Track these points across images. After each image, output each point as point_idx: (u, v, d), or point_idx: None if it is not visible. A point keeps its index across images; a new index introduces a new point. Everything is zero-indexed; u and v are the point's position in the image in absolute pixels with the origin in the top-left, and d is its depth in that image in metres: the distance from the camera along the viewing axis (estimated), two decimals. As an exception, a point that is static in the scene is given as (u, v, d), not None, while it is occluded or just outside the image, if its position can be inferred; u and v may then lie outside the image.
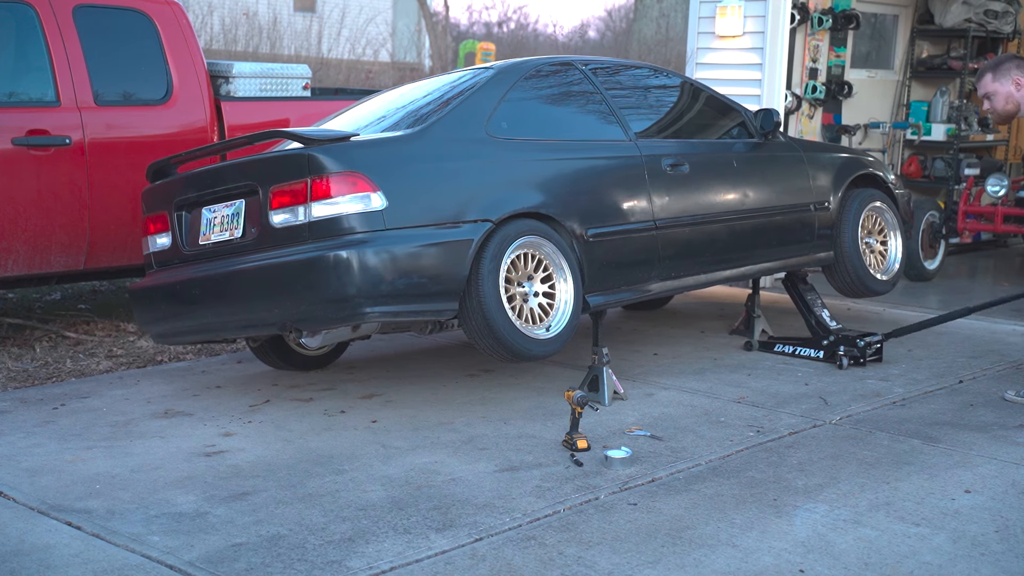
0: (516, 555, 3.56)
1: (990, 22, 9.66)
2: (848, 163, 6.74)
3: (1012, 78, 4.77)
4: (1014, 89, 4.80)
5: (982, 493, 4.08)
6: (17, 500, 4.07)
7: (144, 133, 6.54)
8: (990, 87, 4.84)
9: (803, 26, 8.69)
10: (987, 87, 4.85)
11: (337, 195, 4.61)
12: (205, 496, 4.09)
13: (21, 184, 6.06)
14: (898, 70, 9.86)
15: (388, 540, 3.68)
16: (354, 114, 5.83)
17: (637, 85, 6.20)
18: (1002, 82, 4.80)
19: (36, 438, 4.79)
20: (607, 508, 3.95)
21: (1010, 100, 4.83)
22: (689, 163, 5.81)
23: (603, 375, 5.21)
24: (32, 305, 7.60)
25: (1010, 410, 5.12)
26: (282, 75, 7.27)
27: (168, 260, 5.34)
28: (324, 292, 4.56)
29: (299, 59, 16.51)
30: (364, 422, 4.99)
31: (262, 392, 5.53)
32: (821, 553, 3.56)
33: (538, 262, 5.05)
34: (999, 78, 4.80)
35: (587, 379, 5.25)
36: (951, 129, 9.65)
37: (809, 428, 4.87)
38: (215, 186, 5.12)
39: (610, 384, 5.24)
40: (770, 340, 6.35)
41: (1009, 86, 4.80)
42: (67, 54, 6.23)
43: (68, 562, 3.54)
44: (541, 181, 5.19)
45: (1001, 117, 4.95)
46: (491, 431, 4.84)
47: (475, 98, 5.28)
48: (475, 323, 4.81)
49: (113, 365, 6.11)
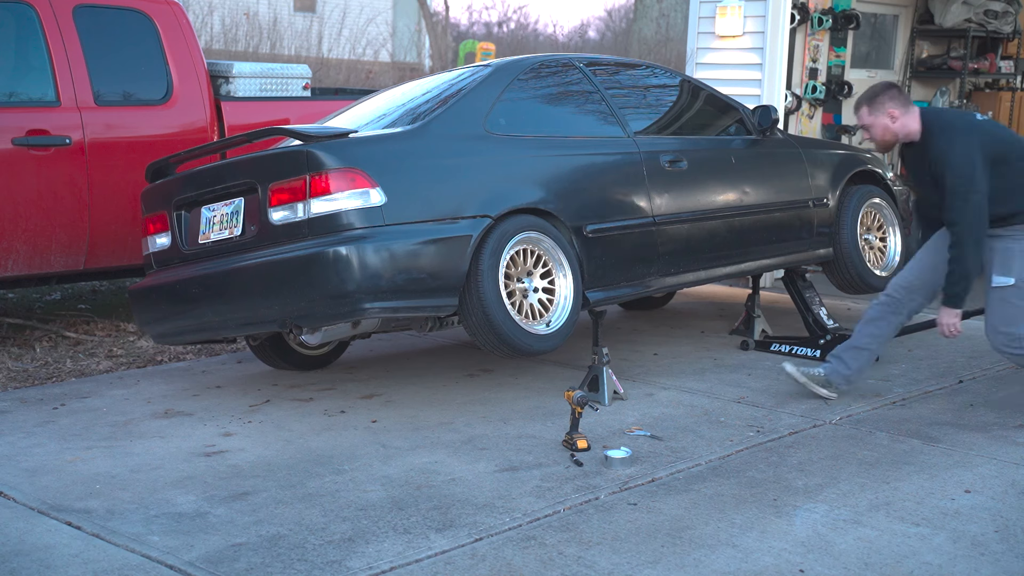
0: (516, 555, 3.56)
1: (990, 22, 9.66)
2: (846, 159, 6.75)
3: (887, 111, 4.81)
4: (889, 122, 4.83)
5: (982, 493, 4.08)
6: (17, 500, 4.07)
7: (144, 133, 6.53)
8: (867, 120, 4.86)
9: (803, 26, 8.69)
10: (864, 120, 4.88)
11: (336, 191, 4.61)
12: (205, 496, 4.09)
13: (21, 184, 6.06)
14: (898, 70, 9.86)
15: (388, 540, 3.68)
16: (354, 112, 5.83)
17: (636, 83, 6.21)
18: (877, 115, 4.83)
19: (36, 438, 4.79)
20: (607, 508, 3.95)
21: (887, 131, 4.85)
22: (687, 160, 5.81)
23: (603, 375, 5.21)
24: (32, 305, 7.60)
25: (1010, 410, 5.12)
26: (282, 75, 7.27)
27: (168, 260, 5.34)
28: (324, 288, 4.57)
29: (299, 59, 16.51)
30: (364, 422, 4.99)
31: (262, 392, 5.53)
32: (821, 553, 3.56)
33: (537, 258, 5.06)
34: (874, 112, 4.83)
35: (587, 379, 5.25)
36: (951, 129, 9.65)
37: (809, 428, 4.87)
38: (214, 185, 5.12)
39: (610, 384, 5.23)
40: (767, 339, 6.35)
41: (884, 119, 4.82)
42: (67, 54, 6.23)
43: (68, 562, 3.54)
44: (540, 177, 5.20)
45: (880, 147, 4.97)
46: (491, 431, 4.84)
47: (474, 95, 5.28)
48: (475, 319, 4.81)
49: (113, 365, 6.11)
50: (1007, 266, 4.80)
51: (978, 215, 4.67)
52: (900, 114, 4.79)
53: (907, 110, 4.82)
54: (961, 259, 4.73)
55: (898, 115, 4.78)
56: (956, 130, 4.74)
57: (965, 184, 4.66)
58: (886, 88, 4.83)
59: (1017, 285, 4.77)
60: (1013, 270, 4.78)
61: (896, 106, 4.78)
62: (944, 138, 4.74)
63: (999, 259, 4.82)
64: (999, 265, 4.82)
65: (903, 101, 4.82)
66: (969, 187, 4.66)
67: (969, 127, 4.78)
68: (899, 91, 4.84)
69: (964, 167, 4.66)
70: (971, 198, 4.65)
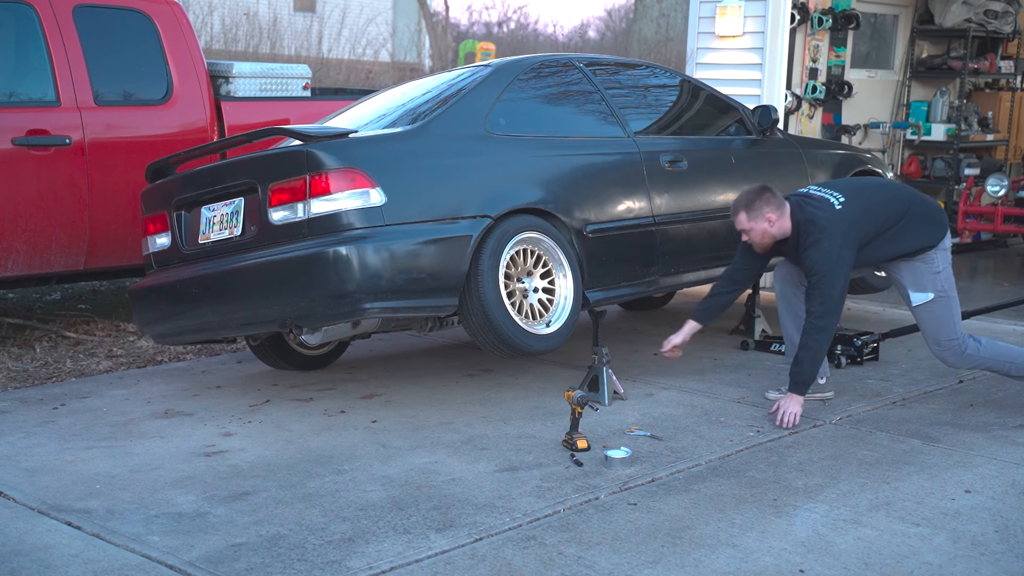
0: (516, 555, 3.56)
1: (990, 22, 9.66)
2: (846, 159, 6.75)
3: (764, 216, 4.88)
4: (767, 226, 4.90)
5: (982, 493, 4.08)
6: (17, 500, 4.06)
7: (144, 133, 6.53)
8: (745, 225, 4.94)
9: (803, 26, 8.69)
10: (742, 225, 4.95)
11: (336, 191, 4.61)
12: (205, 496, 4.09)
13: (21, 184, 6.06)
14: (898, 70, 9.86)
15: (388, 540, 3.68)
16: (354, 112, 5.83)
17: (636, 83, 6.21)
18: (756, 221, 4.90)
19: (36, 438, 4.79)
20: (607, 508, 3.95)
21: (766, 235, 4.94)
22: (687, 160, 5.82)
23: (603, 375, 5.21)
24: (32, 305, 7.60)
25: (1010, 410, 5.12)
26: (282, 75, 7.27)
27: (168, 260, 5.34)
28: (324, 288, 4.57)
29: (299, 59, 16.52)
30: (364, 422, 4.99)
31: (262, 392, 5.53)
32: (821, 553, 3.56)
33: (537, 258, 5.06)
34: (753, 218, 4.90)
35: (587, 379, 5.25)
36: (951, 129, 9.65)
37: (809, 428, 4.87)
38: (214, 185, 5.12)
39: (610, 384, 5.23)
40: (767, 339, 6.35)
41: (763, 224, 4.90)
42: (67, 54, 6.23)
43: (68, 562, 3.54)
44: (540, 177, 5.20)
45: (760, 248, 5.06)
46: (491, 431, 4.84)
47: (474, 95, 5.28)
48: (475, 319, 4.82)
49: (113, 365, 6.11)
50: (920, 283, 4.99)
51: (833, 313, 4.82)
52: (776, 217, 4.89)
53: (782, 212, 4.91)
54: (814, 347, 4.84)
55: (775, 219, 4.89)
56: (821, 228, 4.83)
57: (828, 282, 4.78)
58: (761, 193, 4.91)
59: (936, 297, 4.95)
60: (927, 286, 4.97)
61: (772, 210, 4.88)
62: (811, 238, 4.84)
63: (909, 279, 5.01)
64: (912, 284, 5.00)
65: (778, 204, 4.90)
66: (830, 286, 4.78)
67: (832, 222, 4.84)
68: (773, 194, 4.92)
69: (827, 264, 4.78)
70: (831, 294, 4.79)
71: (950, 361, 5.02)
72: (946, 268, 5.01)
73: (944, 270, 5.00)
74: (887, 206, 4.97)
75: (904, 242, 4.95)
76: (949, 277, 5.01)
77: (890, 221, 4.93)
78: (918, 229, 4.97)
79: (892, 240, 4.95)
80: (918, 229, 4.97)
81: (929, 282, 4.96)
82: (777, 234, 4.93)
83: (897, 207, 4.97)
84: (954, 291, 5.01)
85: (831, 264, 4.76)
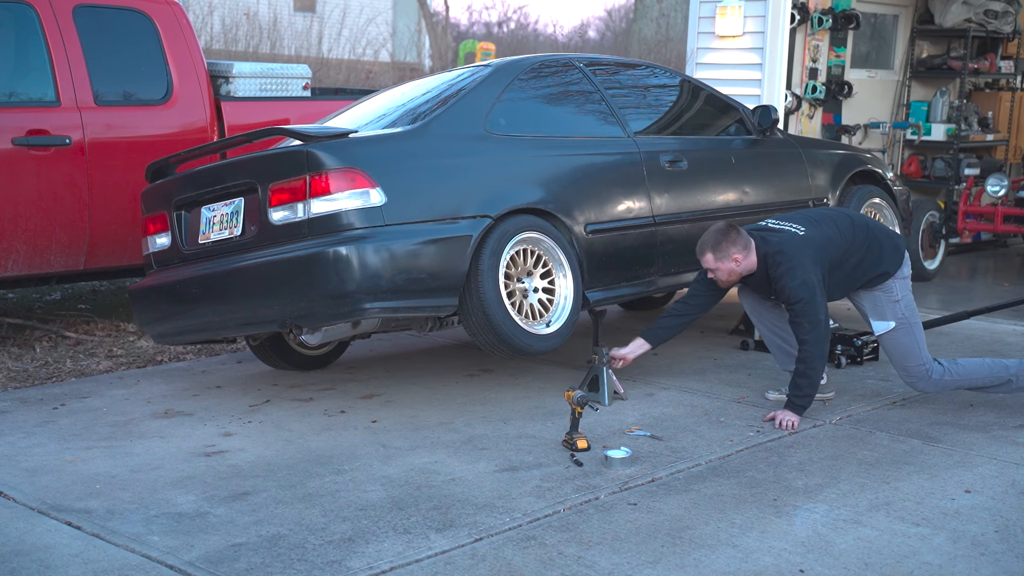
0: (516, 555, 3.56)
1: (990, 22, 9.66)
2: (846, 159, 6.75)
3: (731, 256, 4.91)
4: (734, 265, 4.94)
5: (982, 493, 4.08)
6: (17, 500, 4.07)
7: (144, 133, 6.53)
8: (712, 265, 4.97)
9: (803, 26, 8.69)
10: (709, 265, 4.98)
11: (336, 191, 4.61)
12: (205, 496, 4.09)
13: (21, 184, 6.06)
14: (898, 70, 9.86)
15: (388, 540, 3.68)
16: (354, 112, 5.83)
17: (636, 83, 6.21)
18: (723, 261, 4.94)
19: (36, 438, 4.79)
20: (607, 508, 3.95)
21: (732, 274, 4.98)
22: (687, 160, 5.82)
23: (603, 375, 5.20)
24: (32, 305, 7.60)
25: (1010, 410, 5.12)
26: (282, 75, 7.27)
27: (168, 260, 5.34)
28: (324, 288, 4.57)
29: (299, 59, 16.52)
30: (364, 422, 4.99)
31: (262, 392, 5.53)
32: (821, 553, 3.56)
33: (537, 258, 5.06)
34: (720, 258, 4.93)
35: (587, 379, 5.25)
36: (951, 129, 9.65)
37: (809, 428, 4.87)
38: (214, 185, 5.12)
39: (610, 384, 5.22)
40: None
41: (730, 263, 4.93)
42: (67, 54, 6.23)
43: (68, 562, 3.54)
44: (539, 177, 5.20)
45: (725, 286, 5.10)
46: (491, 431, 4.84)
47: (473, 95, 5.28)
48: (475, 319, 4.82)
49: (113, 365, 6.11)
50: (881, 313, 5.04)
51: (824, 335, 4.84)
52: (743, 257, 4.92)
53: (748, 251, 4.94)
54: (810, 372, 4.86)
55: (741, 259, 4.93)
56: (790, 257, 4.86)
57: (812, 307, 4.81)
58: (727, 232, 4.94)
59: (898, 325, 4.99)
60: (887, 314, 5.02)
61: (739, 250, 4.92)
62: (782, 268, 4.87)
63: (870, 308, 5.08)
64: (874, 313, 5.07)
65: (744, 243, 4.92)
66: (814, 311, 4.82)
67: (799, 249, 4.87)
68: (739, 233, 4.94)
69: (807, 291, 4.81)
70: (818, 318, 4.82)
71: (919, 387, 5.04)
72: (905, 295, 5.04)
73: (904, 298, 5.03)
74: (845, 234, 5.00)
75: (862, 270, 5.00)
76: (910, 304, 5.04)
77: (850, 249, 4.97)
78: (877, 257, 5.01)
79: (852, 269, 4.98)
80: (877, 257, 5.01)
81: (889, 311, 5.01)
82: (743, 272, 4.97)
83: (855, 235, 5.01)
84: (916, 317, 5.04)
85: (810, 290, 4.80)
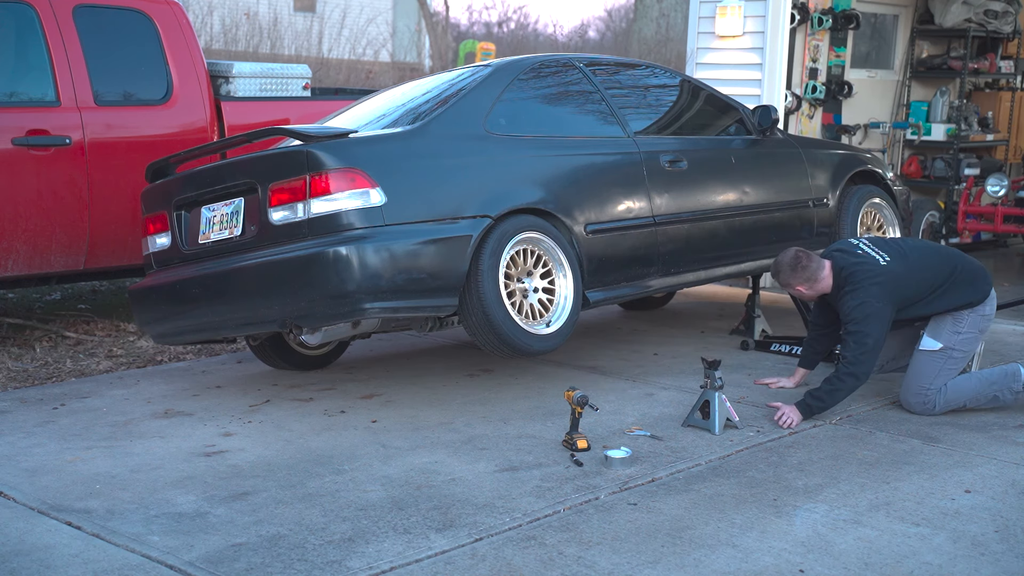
0: (516, 555, 3.56)
1: (990, 22, 9.66)
2: (846, 159, 6.75)
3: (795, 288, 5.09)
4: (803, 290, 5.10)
5: (982, 493, 4.08)
6: (17, 500, 4.07)
7: (144, 133, 6.53)
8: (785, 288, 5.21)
9: (803, 26, 8.69)
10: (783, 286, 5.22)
11: (336, 191, 4.61)
12: (205, 496, 4.09)
13: (21, 184, 6.06)
14: (898, 70, 9.85)
15: (388, 540, 3.68)
16: (354, 112, 5.83)
17: (636, 83, 6.21)
18: (789, 288, 5.16)
19: (36, 438, 4.79)
20: (607, 508, 3.95)
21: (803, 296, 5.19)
22: (687, 160, 5.82)
23: (715, 400, 4.76)
24: (32, 305, 7.60)
25: (1010, 410, 5.12)
26: (282, 75, 7.27)
27: (168, 260, 5.34)
28: (324, 288, 4.57)
29: (299, 59, 16.52)
30: (364, 422, 4.99)
31: (262, 392, 5.53)
32: (821, 553, 3.56)
33: (537, 258, 5.06)
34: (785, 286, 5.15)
35: (697, 404, 4.84)
36: (951, 129, 9.65)
37: (809, 428, 4.87)
38: (214, 185, 5.12)
39: (723, 411, 4.77)
40: (767, 339, 6.35)
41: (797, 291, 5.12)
42: (67, 54, 6.23)
43: (68, 562, 3.54)
44: (540, 177, 5.20)
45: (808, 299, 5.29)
46: (491, 431, 4.84)
47: (474, 95, 5.28)
48: (475, 319, 4.82)
49: (113, 365, 6.11)
50: (937, 332, 5.07)
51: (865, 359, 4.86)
52: (806, 288, 5.07)
53: (814, 279, 5.03)
54: (841, 388, 4.89)
55: (804, 289, 5.07)
56: (859, 281, 4.92)
57: (863, 328, 4.85)
58: (793, 267, 5.05)
59: (943, 350, 5.02)
60: (941, 337, 5.05)
61: (802, 281, 5.05)
62: (847, 287, 4.95)
63: (932, 325, 5.10)
64: (930, 330, 5.09)
65: (809, 274, 5.02)
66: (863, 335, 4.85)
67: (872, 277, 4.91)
68: (804, 266, 5.03)
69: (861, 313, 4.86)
70: (865, 343, 4.85)
71: (916, 409, 5.06)
72: (971, 332, 5.04)
73: (966, 332, 5.03)
74: (932, 270, 5.03)
75: (945, 301, 5.03)
76: (969, 340, 5.05)
77: (933, 285, 5.00)
78: (959, 292, 5.03)
79: (931, 303, 5.03)
80: (959, 292, 5.03)
81: (945, 336, 5.03)
82: (814, 296, 5.11)
83: (942, 272, 5.03)
84: (964, 355, 5.05)
85: (865, 314, 4.83)
